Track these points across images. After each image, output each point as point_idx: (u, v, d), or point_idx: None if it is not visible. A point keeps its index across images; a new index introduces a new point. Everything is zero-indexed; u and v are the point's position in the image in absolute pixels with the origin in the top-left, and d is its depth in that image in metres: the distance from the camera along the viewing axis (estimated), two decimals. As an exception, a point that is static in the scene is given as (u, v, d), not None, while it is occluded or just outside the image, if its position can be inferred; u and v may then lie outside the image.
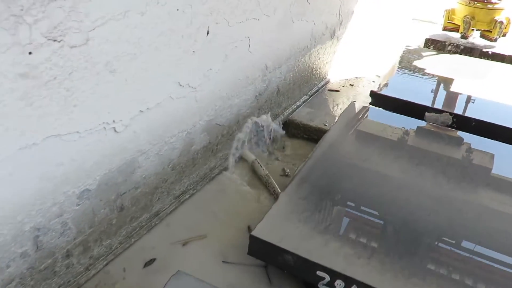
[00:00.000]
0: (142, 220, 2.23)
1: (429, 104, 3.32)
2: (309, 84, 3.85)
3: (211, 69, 2.32)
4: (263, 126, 3.13)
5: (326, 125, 3.46)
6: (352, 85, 4.29)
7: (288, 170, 2.88)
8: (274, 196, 2.60)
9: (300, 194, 2.15)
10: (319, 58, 3.87)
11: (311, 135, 3.47)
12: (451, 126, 3.21)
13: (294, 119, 3.54)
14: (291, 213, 2.02)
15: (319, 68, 3.97)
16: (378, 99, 3.44)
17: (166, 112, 2.09)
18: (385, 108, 3.49)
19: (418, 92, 3.57)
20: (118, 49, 1.67)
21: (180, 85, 2.12)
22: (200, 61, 2.20)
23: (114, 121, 1.79)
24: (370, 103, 3.53)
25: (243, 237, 2.27)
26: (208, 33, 2.19)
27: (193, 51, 2.13)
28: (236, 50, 2.50)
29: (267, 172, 2.76)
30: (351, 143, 2.70)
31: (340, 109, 3.76)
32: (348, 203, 2.14)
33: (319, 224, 1.95)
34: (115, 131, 1.81)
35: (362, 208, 2.12)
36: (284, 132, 3.48)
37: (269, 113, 3.21)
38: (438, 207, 2.09)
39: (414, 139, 2.78)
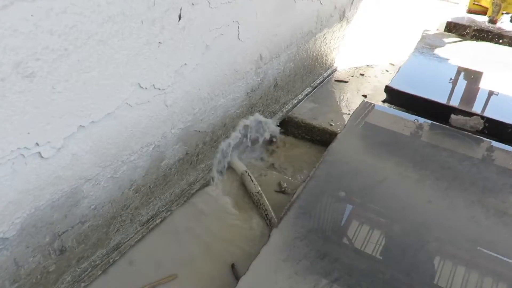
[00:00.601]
0: (96, 258, 1.74)
1: (455, 104, 2.77)
2: (313, 74, 3.29)
3: (186, 64, 1.78)
4: (256, 128, 2.60)
5: (332, 124, 2.94)
6: (363, 74, 3.73)
7: (285, 185, 2.37)
8: (267, 221, 2.09)
9: (298, 231, 1.65)
10: (326, 44, 3.30)
11: (314, 136, 2.95)
12: (482, 132, 2.68)
13: (294, 116, 3.01)
14: (284, 261, 1.52)
15: (325, 55, 3.40)
16: (394, 95, 2.90)
17: (122, 124, 1.57)
18: (402, 107, 2.94)
19: (439, 86, 3.02)
20: (35, 44, 1.14)
21: (141, 88, 1.59)
22: (169, 55, 1.66)
23: (38, 144, 1.27)
24: (384, 100, 2.99)
25: (225, 278, 1.80)
26: (180, 17, 1.64)
27: (159, 42, 1.59)
28: (221, 39, 1.95)
29: (259, 189, 2.24)
30: (364, 157, 2.18)
31: (349, 104, 3.22)
32: (361, 247, 1.64)
33: (322, 278, 1.45)
34: (41, 156, 1.30)
35: (379, 256, 1.62)
36: (282, 132, 2.95)
37: (264, 111, 2.68)
38: (476, 255, 1.59)
39: (440, 152, 2.25)
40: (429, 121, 2.49)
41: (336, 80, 3.57)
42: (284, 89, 2.87)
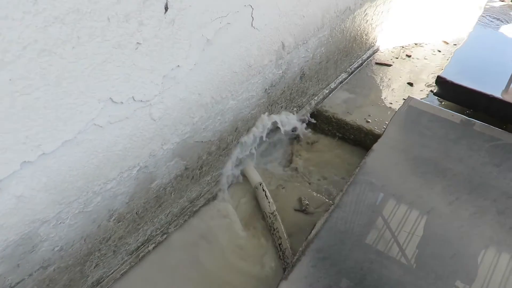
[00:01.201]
0: (69, 300, 1.45)
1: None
2: (349, 58, 2.80)
3: (178, 66, 1.38)
4: (277, 128, 2.19)
5: (368, 121, 2.48)
6: (409, 56, 3.18)
7: (306, 202, 1.98)
8: (280, 253, 1.73)
9: (316, 286, 1.28)
10: (367, 21, 2.78)
11: (347, 134, 2.51)
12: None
13: (325, 110, 2.56)
14: (292, 335, 1.16)
15: (366, 34, 2.88)
16: (448, 89, 2.38)
17: (89, 150, 1.22)
18: (458, 104, 2.43)
19: (508, 78, 2.46)
20: None
21: (115, 102, 1.22)
22: (153, 58, 1.27)
23: (-42, 193, 0.94)
24: (435, 93, 2.48)
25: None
26: (167, 8, 1.24)
27: (138, 43, 1.20)
28: (228, 30, 1.53)
29: (274, 209, 1.87)
30: (404, 178, 1.74)
31: (390, 94, 2.72)
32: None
33: None
34: (-33, 208, 0.97)
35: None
36: (312, 127, 2.53)
37: (287, 107, 2.26)
38: None
39: (506, 174, 1.77)
40: (494, 128, 1.99)
41: (377, 63, 3.05)
42: (313, 78, 2.42)
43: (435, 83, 2.42)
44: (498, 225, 1.57)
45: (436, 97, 2.53)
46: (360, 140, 2.47)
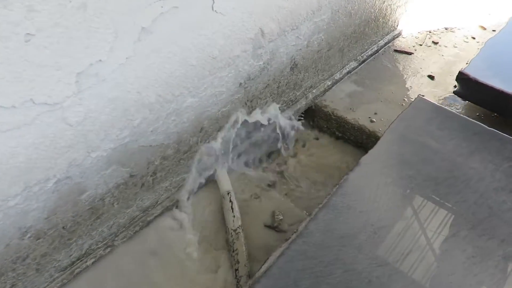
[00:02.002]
0: (-20, 323, 1.27)
1: None
2: (360, 44, 2.42)
3: (100, 61, 1.12)
4: (261, 126, 1.90)
5: (373, 120, 2.13)
6: (436, 42, 2.75)
7: (281, 217, 1.70)
8: (236, 278, 1.47)
9: None
10: (384, 2, 2.38)
11: (347, 134, 2.18)
12: None
13: (324, 104, 2.23)
14: None
15: (383, 17, 2.49)
16: (471, 88, 1.99)
17: (-29, 165, 0.99)
18: (483, 106, 2.03)
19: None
20: None
21: (3, 108, 0.98)
22: (56, 52, 1.02)
23: None
24: (455, 92, 2.09)
25: None
26: (69, -11, 0.96)
27: (28, 34, 0.94)
28: (176, 14, 1.25)
29: (239, 224, 1.60)
30: (396, 201, 1.42)
31: (407, 88, 2.34)
32: None
33: None
34: None
35: None
36: (309, 124, 2.23)
37: (274, 102, 1.96)
38: None
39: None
40: (515, 144, 1.61)
41: (396, 51, 2.65)
42: (310, 69, 2.09)
43: (456, 79, 2.03)
44: (501, 274, 1.23)
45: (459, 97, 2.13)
46: (362, 142, 2.14)
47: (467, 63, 2.05)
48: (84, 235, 1.45)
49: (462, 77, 1.99)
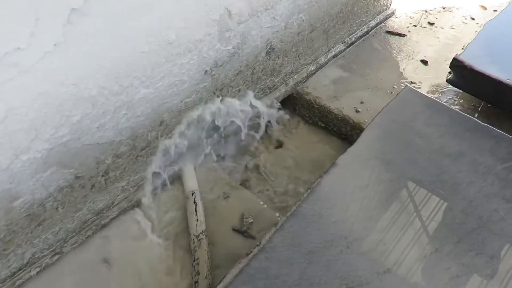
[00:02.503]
0: None
1: None
2: (348, 25, 2.22)
3: (19, 49, 0.94)
4: (227, 115, 1.72)
5: (359, 110, 1.96)
6: (432, 23, 2.54)
7: (250, 220, 1.54)
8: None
9: None
10: (375, -22, 2.16)
11: (330, 124, 2.00)
12: None
13: (306, 92, 2.05)
14: None
15: (374, -5, 2.27)
16: (466, 77, 1.80)
17: None
18: (479, 97, 1.85)
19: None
20: None
21: None
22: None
23: None
24: (449, 81, 1.90)
25: None
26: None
27: None
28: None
29: (202, 229, 1.45)
30: (373, 208, 1.26)
31: (397, 74, 2.15)
32: None
33: None
34: None
35: None
36: (291, 111, 2.05)
37: (249, 90, 1.77)
38: None
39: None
40: (510, 138, 1.44)
41: (388, 32, 2.44)
42: (290, 53, 1.89)
43: (450, 66, 1.83)
44: (489, 296, 1.08)
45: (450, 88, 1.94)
46: (346, 134, 1.96)
47: (462, 49, 1.86)
48: (24, 244, 1.29)
49: (456, 64, 1.80)
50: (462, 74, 1.80)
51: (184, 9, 1.27)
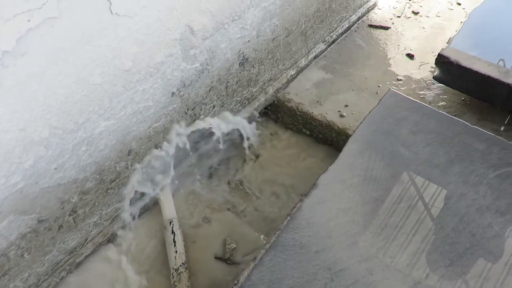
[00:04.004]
0: None
1: None
2: (327, 23, 2.11)
3: None
4: (212, 133, 1.64)
5: (343, 115, 1.86)
6: (417, 13, 2.43)
7: (234, 246, 1.47)
8: (177, 332, 1.25)
9: None
10: (352, -28, 2.05)
11: (315, 131, 1.91)
12: None
13: (288, 98, 1.96)
14: None
15: (352, -10, 2.16)
16: (453, 73, 1.70)
17: None
18: (468, 94, 1.76)
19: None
20: None
21: None
22: None
23: None
24: (435, 77, 1.80)
25: None
26: None
27: None
28: (55, 26, 0.96)
29: (182, 262, 1.36)
30: (358, 234, 1.17)
31: (383, 72, 2.05)
32: None
33: None
34: None
35: None
36: (273, 120, 1.96)
37: (224, 105, 1.68)
38: None
39: (495, 220, 1.17)
40: (509, 143, 1.35)
41: (371, 26, 2.33)
42: (265, 61, 1.79)
43: (435, 63, 1.73)
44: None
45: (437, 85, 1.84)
46: (332, 141, 1.87)
47: (447, 43, 1.75)
48: (-14, 296, 1.21)
49: (442, 61, 1.70)
50: (449, 71, 1.70)
51: (139, 33, 1.17)
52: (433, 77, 1.79)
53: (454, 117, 1.46)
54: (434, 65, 2.00)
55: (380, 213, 1.21)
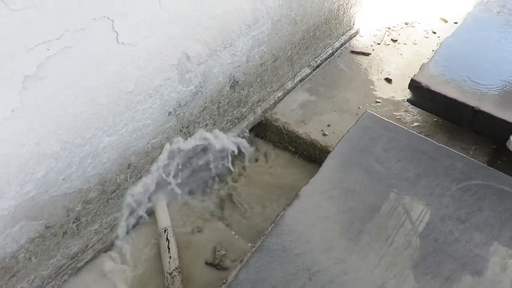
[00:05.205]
0: None
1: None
2: (312, 50, 2.29)
3: (-24, 119, 0.98)
4: (205, 149, 1.78)
5: (326, 134, 2.02)
6: (396, 40, 2.62)
7: (223, 252, 1.59)
8: (171, 330, 1.36)
9: None
10: (334, 3, 2.24)
11: (300, 149, 2.06)
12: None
13: (275, 118, 2.11)
14: None
15: (335, 19, 2.35)
16: (424, 97, 1.88)
17: None
18: (440, 116, 1.93)
19: (508, 82, 1.90)
20: None
21: None
22: None
23: None
24: (409, 101, 1.97)
25: None
26: None
27: None
28: (70, 54, 1.11)
29: (175, 266, 1.49)
30: (334, 239, 1.31)
31: (363, 95, 2.22)
32: None
33: None
34: None
35: None
36: (261, 138, 2.11)
37: (216, 124, 1.83)
38: None
39: (468, 232, 1.32)
40: (470, 160, 1.51)
41: (352, 52, 2.52)
42: (255, 83, 1.95)
43: (408, 87, 1.91)
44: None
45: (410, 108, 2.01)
46: (315, 157, 2.02)
47: (420, 69, 1.93)
48: (-3, 296, 1.32)
49: (414, 85, 1.87)
50: (421, 94, 1.87)
51: (141, 60, 1.32)
52: (407, 100, 1.96)
53: (423, 136, 1.63)
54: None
55: (355, 221, 1.36)
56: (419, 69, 1.94)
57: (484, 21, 2.21)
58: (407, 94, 2.21)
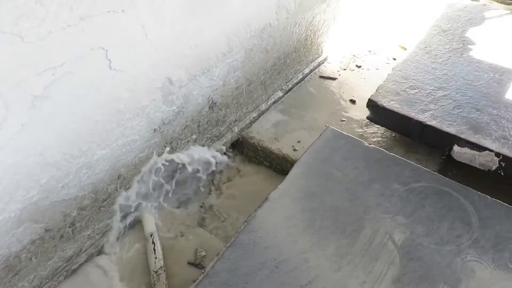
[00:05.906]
0: None
1: (464, 130, 1.97)
2: (283, 75, 2.55)
3: (-7, 132, 1.18)
4: (181, 166, 1.99)
5: (296, 149, 2.25)
6: (360, 66, 2.92)
7: (203, 253, 1.79)
8: (156, 321, 1.54)
9: None
10: (302, 33, 2.52)
11: (273, 163, 2.29)
12: (495, 172, 1.91)
13: (251, 136, 2.34)
14: None
15: (304, 47, 2.63)
16: (379, 113, 2.14)
17: None
18: (393, 129, 2.19)
19: (451, 99, 2.18)
20: None
21: None
22: None
23: None
24: (368, 118, 2.23)
25: None
26: None
27: None
28: (71, 78, 1.34)
29: (160, 265, 1.68)
30: (298, 234, 1.53)
31: (329, 115, 2.47)
32: None
33: None
34: None
35: None
36: (239, 154, 2.33)
37: (197, 140, 2.05)
38: None
39: (412, 228, 1.55)
40: (417, 166, 1.76)
41: (321, 77, 2.80)
42: (231, 105, 2.19)
43: (366, 106, 2.17)
44: (391, 299, 1.35)
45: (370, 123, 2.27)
46: (287, 170, 2.24)
47: (376, 90, 2.20)
48: (1, 293, 1.49)
49: (371, 104, 2.13)
50: (377, 112, 2.13)
51: (130, 83, 1.55)
52: (367, 117, 2.22)
53: (379, 148, 1.87)
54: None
55: (316, 219, 1.58)
56: (376, 90, 2.21)
57: (434, 47, 2.51)
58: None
